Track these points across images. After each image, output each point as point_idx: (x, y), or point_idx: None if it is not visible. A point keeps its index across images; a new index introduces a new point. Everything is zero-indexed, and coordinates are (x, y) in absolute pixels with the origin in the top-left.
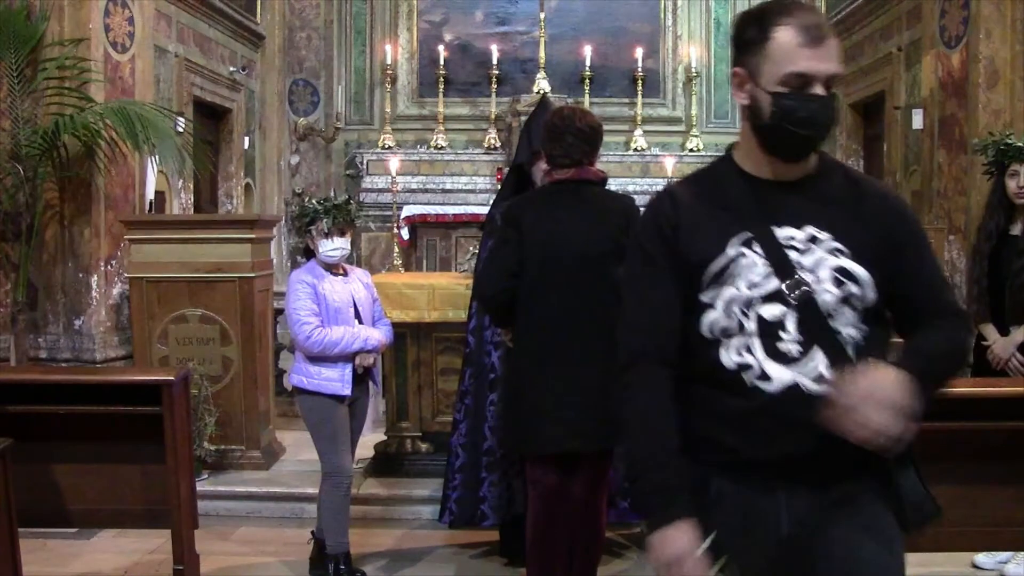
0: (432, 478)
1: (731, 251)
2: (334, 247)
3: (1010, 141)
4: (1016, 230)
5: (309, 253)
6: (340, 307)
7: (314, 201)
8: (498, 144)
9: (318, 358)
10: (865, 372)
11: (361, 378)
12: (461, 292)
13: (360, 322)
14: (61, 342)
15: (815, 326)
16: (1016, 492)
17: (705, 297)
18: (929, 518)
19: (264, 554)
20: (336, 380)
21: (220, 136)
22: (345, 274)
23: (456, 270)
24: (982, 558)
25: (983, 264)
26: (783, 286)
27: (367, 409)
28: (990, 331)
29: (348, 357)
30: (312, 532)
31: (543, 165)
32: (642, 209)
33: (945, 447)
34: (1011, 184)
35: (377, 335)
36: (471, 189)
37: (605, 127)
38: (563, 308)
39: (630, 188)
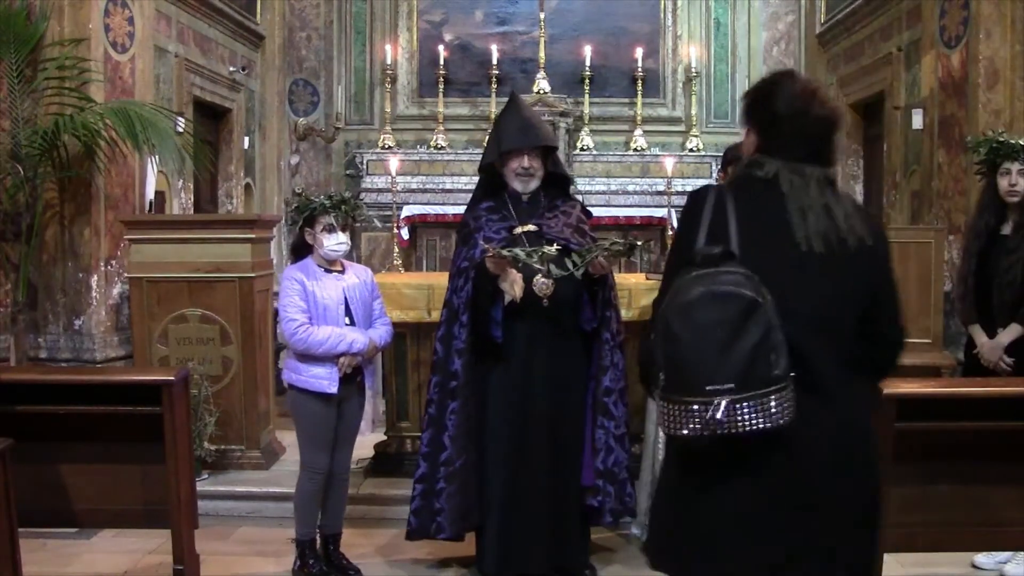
0: None
1: None
2: (339, 242)
3: (1002, 139)
4: (1007, 229)
5: (298, 251)
6: (328, 305)
7: (322, 196)
8: None
9: (306, 355)
10: None
11: (352, 378)
12: None
13: (352, 321)
14: (61, 342)
15: None
16: (1016, 492)
17: None
18: None
19: (264, 554)
20: (324, 378)
21: (220, 136)
22: (342, 271)
23: None
24: (982, 558)
25: (971, 263)
26: None
27: (359, 410)
28: (977, 332)
29: (334, 357)
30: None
31: (512, 165)
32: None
33: (945, 447)
34: (1003, 182)
35: (364, 339)
36: (471, 189)
37: (604, 127)
38: None
39: (630, 188)
